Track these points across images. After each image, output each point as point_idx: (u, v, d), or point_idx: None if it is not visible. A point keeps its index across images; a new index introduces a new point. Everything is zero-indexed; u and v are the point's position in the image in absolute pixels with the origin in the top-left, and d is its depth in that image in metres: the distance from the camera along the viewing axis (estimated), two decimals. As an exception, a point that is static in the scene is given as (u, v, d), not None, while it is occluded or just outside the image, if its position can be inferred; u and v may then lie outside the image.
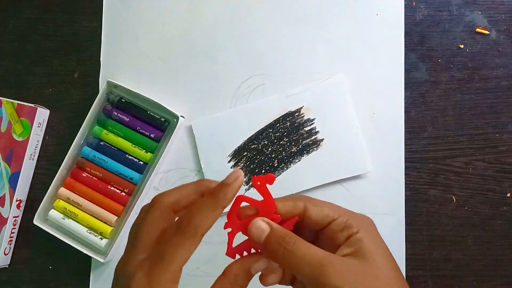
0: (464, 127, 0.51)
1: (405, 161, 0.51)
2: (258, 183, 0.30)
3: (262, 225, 0.29)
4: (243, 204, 0.31)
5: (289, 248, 0.28)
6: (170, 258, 0.27)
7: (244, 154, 0.52)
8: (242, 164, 0.52)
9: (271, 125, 0.52)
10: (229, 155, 0.52)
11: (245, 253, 0.31)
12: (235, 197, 0.30)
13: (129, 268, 0.28)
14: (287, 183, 0.51)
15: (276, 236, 0.29)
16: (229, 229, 0.31)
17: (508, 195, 0.51)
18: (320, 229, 0.31)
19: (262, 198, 0.30)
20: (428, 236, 0.51)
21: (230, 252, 0.31)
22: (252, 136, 0.52)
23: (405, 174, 0.51)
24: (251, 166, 0.52)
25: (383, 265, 0.29)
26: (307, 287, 0.28)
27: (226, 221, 0.31)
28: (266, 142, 0.52)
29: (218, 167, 0.52)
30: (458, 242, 0.51)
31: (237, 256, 0.31)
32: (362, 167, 0.50)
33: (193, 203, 0.29)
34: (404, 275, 0.49)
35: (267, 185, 0.30)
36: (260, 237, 0.29)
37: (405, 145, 0.51)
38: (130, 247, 0.29)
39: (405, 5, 0.53)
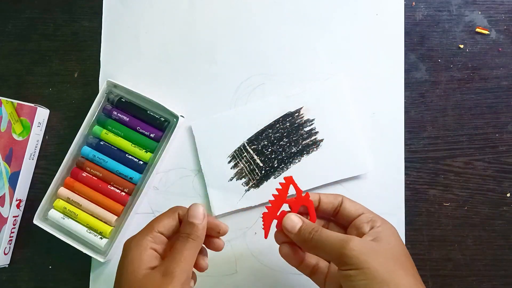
0: (464, 127, 0.51)
1: (405, 161, 0.51)
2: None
3: (295, 219, 0.38)
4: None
5: (316, 234, 0.36)
6: (153, 222, 0.39)
7: (244, 155, 0.52)
8: (242, 165, 0.52)
9: (270, 126, 0.52)
10: (229, 156, 0.52)
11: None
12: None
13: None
14: (287, 183, 0.51)
15: (307, 226, 0.37)
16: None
17: (508, 195, 0.51)
18: (348, 224, 0.39)
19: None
20: (428, 236, 0.51)
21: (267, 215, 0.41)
22: (252, 136, 0.52)
23: (405, 174, 0.51)
24: (251, 167, 0.52)
25: (397, 247, 0.36)
26: (333, 262, 0.36)
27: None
28: (265, 142, 0.52)
29: (218, 168, 0.52)
30: (458, 242, 0.51)
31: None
32: (362, 167, 0.50)
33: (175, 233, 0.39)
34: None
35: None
36: (294, 228, 0.38)
37: (405, 145, 0.51)
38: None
39: (405, 5, 0.53)
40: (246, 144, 0.52)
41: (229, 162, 0.52)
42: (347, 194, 0.50)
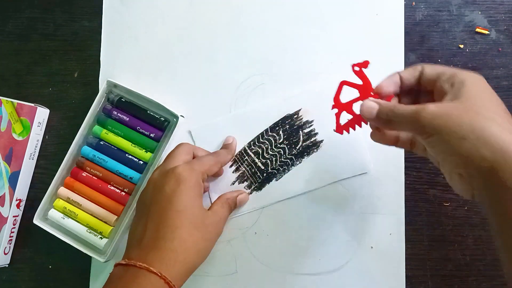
0: (464, 127, 0.51)
1: (405, 161, 0.51)
2: (356, 68, 0.38)
3: (371, 104, 0.37)
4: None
5: (391, 114, 0.35)
6: (205, 162, 0.45)
7: (245, 158, 0.52)
8: (244, 169, 0.52)
9: (270, 129, 0.52)
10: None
11: (351, 130, 0.41)
12: (339, 82, 0.40)
13: (167, 168, 0.43)
14: (289, 185, 0.51)
15: (383, 109, 0.36)
16: (336, 110, 0.40)
17: (508, 195, 0.51)
18: (433, 89, 0.37)
19: (361, 82, 0.39)
20: (428, 236, 0.51)
21: (338, 129, 0.41)
22: (252, 140, 0.52)
23: (405, 174, 0.51)
24: (252, 170, 0.52)
25: (480, 95, 0.33)
26: (414, 137, 0.37)
27: (333, 103, 0.40)
28: (266, 145, 0.52)
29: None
30: (458, 242, 0.51)
31: (344, 133, 0.41)
32: (362, 167, 0.50)
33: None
34: (404, 274, 0.49)
35: (363, 69, 0.39)
36: (372, 113, 0.37)
37: (405, 145, 0.51)
38: (164, 163, 0.45)
39: (405, 5, 0.53)
40: (246, 148, 0.52)
41: (231, 166, 0.52)
42: (347, 194, 0.51)
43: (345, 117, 0.41)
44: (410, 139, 0.40)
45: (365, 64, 0.38)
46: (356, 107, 0.39)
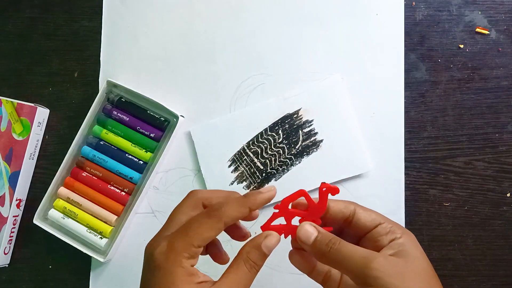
0: (464, 127, 0.51)
1: (405, 161, 0.51)
2: (324, 189, 0.34)
3: (310, 229, 0.34)
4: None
5: (335, 247, 0.32)
6: (191, 233, 0.31)
7: (244, 158, 0.52)
8: (242, 169, 0.52)
9: (270, 128, 0.52)
10: (229, 160, 0.52)
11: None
12: (298, 190, 0.35)
13: (155, 241, 0.32)
14: (288, 185, 0.51)
15: (323, 238, 0.33)
16: (277, 211, 0.35)
17: (508, 195, 0.51)
18: (363, 234, 0.34)
19: (318, 200, 0.34)
20: (428, 236, 0.51)
21: (266, 225, 0.36)
22: (251, 140, 0.52)
23: (405, 174, 0.51)
24: (251, 170, 0.52)
25: (423, 263, 0.33)
26: (353, 281, 0.32)
27: (279, 203, 0.35)
28: (265, 145, 0.52)
29: (219, 172, 0.52)
30: (458, 242, 0.51)
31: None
32: (362, 166, 0.50)
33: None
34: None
35: (329, 194, 0.34)
36: (309, 238, 0.33)
37: (405, 145, 0.51)
38: (162, 228, 0.34)
39: (405, 5, 0.53)
40: (246, 148, 0.52)
41: (230, 166, 0.52)
42: (347, 194, 0.51)
43: (281, 220, 0.36)
44: (326, 272, 0.36)
45: (334, 190, 0.34)
46: (295, 221, 0.36)
